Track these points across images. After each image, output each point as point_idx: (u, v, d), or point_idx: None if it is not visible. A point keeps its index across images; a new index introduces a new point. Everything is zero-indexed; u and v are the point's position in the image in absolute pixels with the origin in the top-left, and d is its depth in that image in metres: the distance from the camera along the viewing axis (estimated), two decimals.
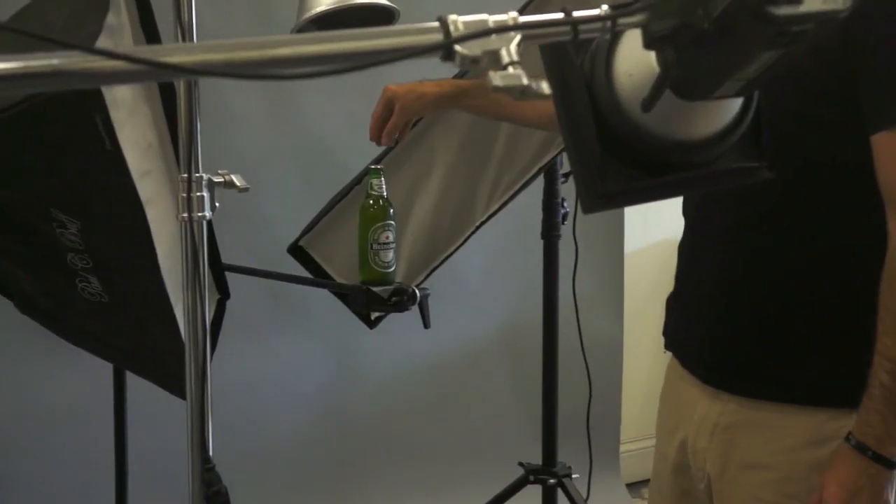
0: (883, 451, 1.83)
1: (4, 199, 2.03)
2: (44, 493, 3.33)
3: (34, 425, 3.30)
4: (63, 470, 3.33)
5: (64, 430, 3.31)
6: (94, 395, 3.00)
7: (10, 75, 0.98)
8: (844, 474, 1.85)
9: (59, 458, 3.32)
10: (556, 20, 1.05)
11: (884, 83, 1.79)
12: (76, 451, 3.28)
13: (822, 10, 0.96)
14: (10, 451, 3.28)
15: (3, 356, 3.20)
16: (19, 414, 3.28)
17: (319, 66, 1.05)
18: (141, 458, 2.93)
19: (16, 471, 3.30)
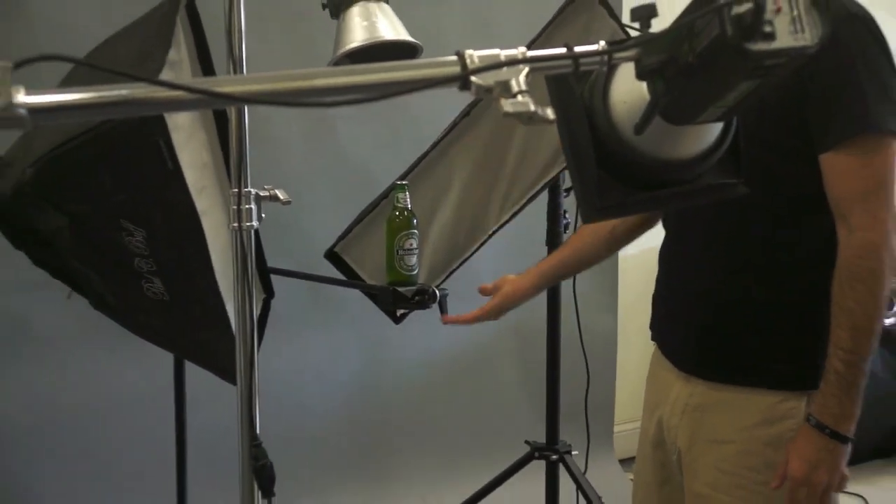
0: (839, 428, 1.85)
1: (82, 212, 2.04)
2: (113, 467, 3.34)
3: (106, 407, 3.31)
4: (129, 446, 3.34)
5: (131, 411, 3.32)
6: (157, 381, 3.01)
7: (86, 104, 0.99)
8: (806, 450, 1.86)
9: (127, 436, 3.33)
10: (559, 54, 1.05)
11: (828, 109, 1.81)
12: (142, 430, 3.29)
13: (793, 46, 0.96)
14: (84, 431, 3.29)
15: (79, 347, 3.21)
16: (93, 397, 3.29)
17: (353, 95, 1.05)
18: (197, 436, 2.93)
19: (89, 447, 3.31)
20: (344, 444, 3.82)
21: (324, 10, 1.94)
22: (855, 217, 1.82)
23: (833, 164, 1.83)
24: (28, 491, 3.22)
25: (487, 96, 1.03)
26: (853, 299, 1.82)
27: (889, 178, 1.84)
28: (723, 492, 1.96)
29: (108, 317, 2.27)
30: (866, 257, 1.81)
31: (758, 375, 1.95)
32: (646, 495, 2.17)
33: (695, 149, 1.13)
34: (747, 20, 0.95)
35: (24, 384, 3.16)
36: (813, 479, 1.85)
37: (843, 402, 1.84)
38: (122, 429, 3.32)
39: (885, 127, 1.81)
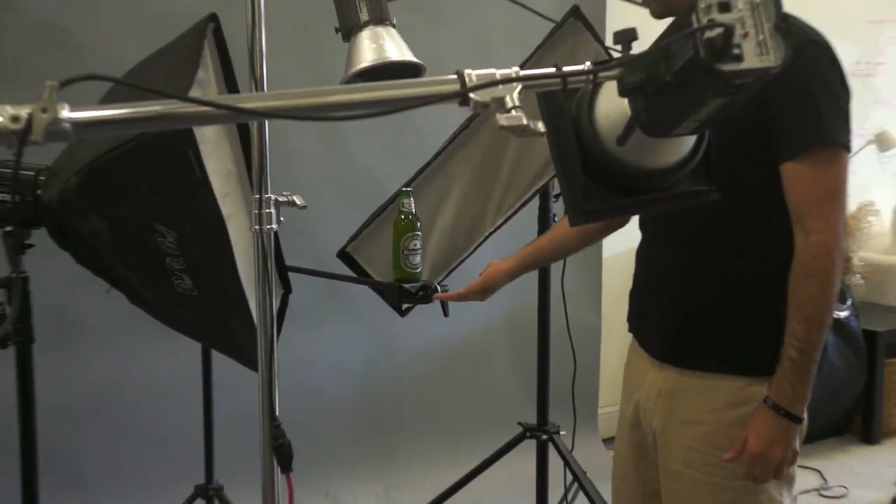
0: (793, 410, 1.87)
1: (120, 216, 2.04)
2: (148, 443, 3.35)
3: (142, 390, 3.32)
4: (163, 425, 3.34)
5: (164, 394, 3.33)
6: (187, 368, 3.01)
7: (123, 119, 0.99)
8: (763, 428, 1.87)
9: (161, 415, 3.34)
10: (549, 73, 1.05)
11: (789, 124, 1.82)
12: (174, 410, 3.30)
13: (758, 66, 0.96)
14: (123, 411, 3.30)
15: (118, 337, 3.22)
16: (131, 381, 3.30)
17: (363, 110, 1.06)
18: (223, 417, 2.94)
19: (128, 425, 3.32)
20: (354, 425, 3.82)
21: (337, 33, 1.94)
22: (810, 221, 1.83)
23: (792, 173, 1.84)
24: (77, 462, 3.24)
25: (484, 111, 1.03)
26: (807, 294, 1.83)
27: (841, 186, 1.85)
28: (694, 469, 1.97)
29: (144, 310, 2.27)
30: (820, 258, 1.82)
31: (724, 363, 1.95)
32: (624, 471, 2.17)
33: (671, 159, 1.14)
34: (718, 43, 0.95)
35: (71, 370, 3.17)
36: (769, 455, 1.87)
37: (795, 386, 1.86)
38: (156, 409, 3.33)
39: (839, 141, 1.83)
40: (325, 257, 2.81)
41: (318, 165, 3.61)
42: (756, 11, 0.98)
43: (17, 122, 0.94)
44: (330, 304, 3.64)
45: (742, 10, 0.97)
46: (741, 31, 0.96)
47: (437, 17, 3.59)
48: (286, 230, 2.01)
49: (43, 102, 0.94)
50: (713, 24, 0.96)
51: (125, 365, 3.28)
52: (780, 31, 0.97)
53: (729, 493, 1.93)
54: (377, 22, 1.88)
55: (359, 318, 3.71)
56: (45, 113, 0.94)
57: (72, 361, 3.18)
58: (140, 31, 2.95)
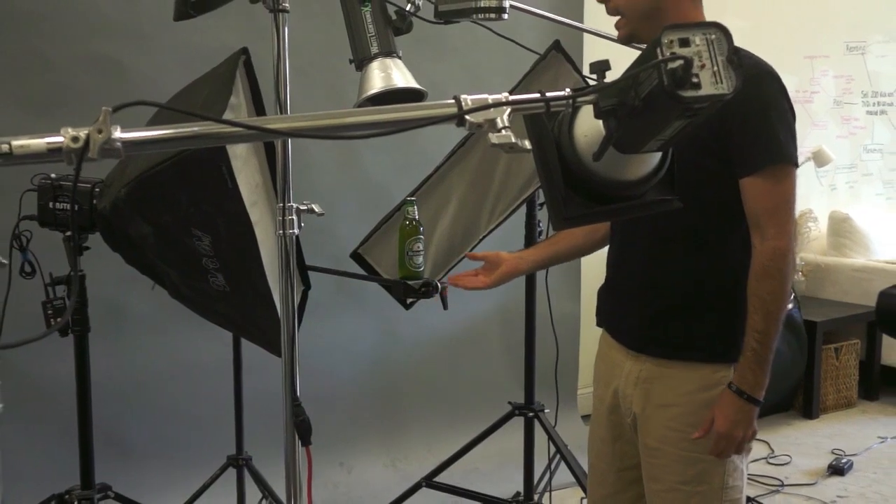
0: (754, 394, 1.87)
1: (163, 222, 2.04)
2: (186, 419, 3.35)
3: (181, 372, 3.32)
4: (199, 403, 3.34)
5: (200, 376, 3.32)
6: (220, 354, 3.02)
7: (166, 139, 0.99)
8: (728, 410, 1.87)
9: (197, 394, 3.34)
10: (534, 98, 1.05)
11: (747, 144, 1.82)
12: (208, 391, 3.29)
13: (714, 93, 0.97)
14: (165, 390, 3.30)
15: (161, 326, 3.22)
16: (172, 364, 3.30)
17: (374, 130, 1.06)
18: (251, 397, 2.95)
19: (169, 402, 3.31)
20: (365, 404, 3.82)
21: (350, 64, 1.94)
22: (767, 228, 1.83)
23: (750, 187, 1.84)
24: (126, 434, 3.24)
25: (478, 131, 1.04)
26: (766, 291, 1.83)
27: (792, 198, 1.86)
28: (670, 445, 1.96)
29: (183, 304, 2.27)
30: (776, 259, 1.83)
31: (695, 352, 1.94)
32: (600, 448, 2.15)
33: (640, 172, 1.14)
34: (679, 73, 0.96)
35: (121, 355, 3.17)
36: (732, 433, 1.87)
37: (756, 373, 1.86)
38: (193, 389, 3.33)
39: (790, 159, 1.84)
40: (339, 257, 2.81)
41: (335, 177, 3.60)
42: (711, 46, 0.98)
43: (76, 141, 0.94)
44: (344, 299, 3.63)
45: (699, 45, 0.98)
46: (699, 62, 0.97)
47: (438, 50, 3.60)
48: (306, 234, 2.01)
49: (99, 125, 0.94)
50: (675, 57, 0.96)
51: (167, 351, 3.28)
52: (732, 63, 0.98)
53: (700, 465, 1.92)
54: (385, 54, 1.88)
55: (369, 310, 3.71)
56: (101, 134, 0.94)
57: (122, 348, 3.18)
58: (182, 63, 2.96)
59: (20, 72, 3.01)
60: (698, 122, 1.00)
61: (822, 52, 5.40)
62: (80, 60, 3.07)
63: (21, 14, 2.99)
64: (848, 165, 5.65)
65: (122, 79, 3.11)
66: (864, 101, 5.67)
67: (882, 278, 4.69)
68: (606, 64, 1.08)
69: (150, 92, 2.85)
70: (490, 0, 1.76)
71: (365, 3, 1.90)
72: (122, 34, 3.13)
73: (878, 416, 4.75)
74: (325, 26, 2.44)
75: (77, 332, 2.29)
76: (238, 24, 2.64)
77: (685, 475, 1.95)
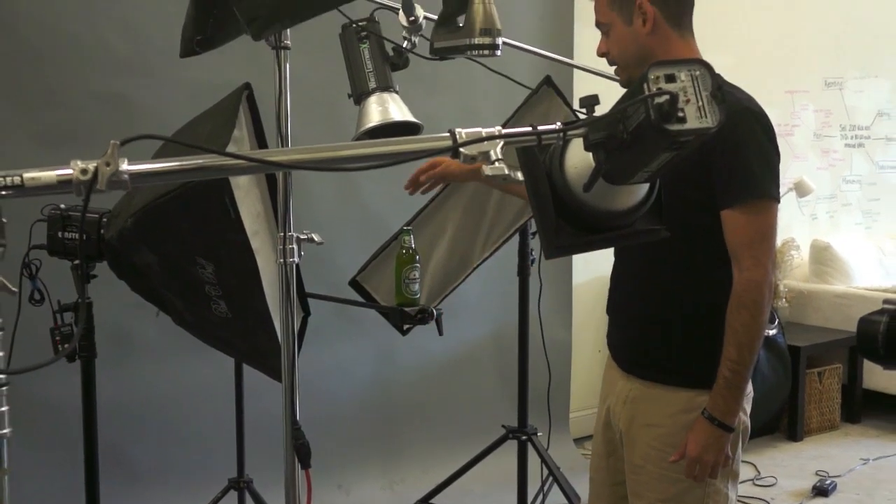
0: (725, 420, 1.86)
1: (167, 251, 2.04)
2: (190, 441, 3.33)
3: (185, 396, 3.30)
4: (202, 426, 3.32)
5: (203, 400, 3.30)
6: (222, 379, 3.00)
7: (172, 170, 0.99)
8: (700, 436, 1.87)
9: (201, 418, 3.32)
10: (526, 132, 1.06)
11: (728, 178, 1.83)
12: (211, 414, 3.28)
13: (698, 127, 0.97)
14: (170, 413, 3.28)
15: (165, 352, 3.21)
16: (176, 389, 3.28)
17: (371, 162, 1.06)
18: (252, 421, 2.93)
19: (173, 425, 3.30)
20: (363, 427, 3.80)
21: (349, 98, 1.95)
22: (744, 260, 1.83)
23: (729, 219, 1.84)
24: (130, 456, 3.21)
25: (473, 163, 1.04)
26: (740, 323, 1.83)
27: (771, 231, 1.86)
28: (652, 464, 1.95)
29: (186, 330, 2.26)
30: (751, 291, 1.82)
31: (678, 377, 1.94)
32: (598, 463, 2.16)
33: (629, 202, 1.14)
34: (665, 108, 0.96)
35: (126, 379, 3.15)
36: (704, 458, 1.86)
37: (728, 400, 1.85)
38: (196, 413, 3.31)
39: (769, 194, 1.84)
40: (338, 285, 2.80)
41: (334, 207, 3.61)
42: (696, 82, 0.99)
43: (86, 174, 0.95)
44: (343, 325, 3.62)
45: (684, 81, 0.99)
46: (684, 98, 0.98)
47: (433, 85, 3.61)
48: (306, 262, 2.01)
49: (107, 158, 0.95)
50: (661, 92, 0.97)
51: (171, 376, 3.26)
52: (716, 98, 0.99)
53: (680, 485, 1.91)
54: (383, 89, 1.89)
55: (367, 336, 3.69)
56: (109, 166, 0.94)
57: (127, 373, 3.16)
58: (187, 98, 2.96)
59: (33, 107, 3.02)
60: (684, 154, 1.01)
61: (802, 87, 5.44)
62: (89, 96, 3.09)
63: (34, 51, 3.00)
64: (828, 196, 5.68)
65: (130, 113, 3.12)
66: (842, 135, 5.71)
67: (862, 304, 4.69)
68: (595, 98, 1.09)
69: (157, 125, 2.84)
70: (483, 38, 1.77)
71: (363, 40, 1.91)
72: (130, 70, 3.14)
73: (861, 439, 4.73)
74: (324, 62, 2.45)
75: (84, 358, 2.27)
76: (241, 60, 2.66)
77: (666, 493, 1.94)
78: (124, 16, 3.13)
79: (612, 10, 1.92)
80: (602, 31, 1.97)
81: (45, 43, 3.02)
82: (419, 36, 1.91)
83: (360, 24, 1.92)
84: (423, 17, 1.89)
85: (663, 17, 1.89)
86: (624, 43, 1.92)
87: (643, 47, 1.90)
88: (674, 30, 1.91)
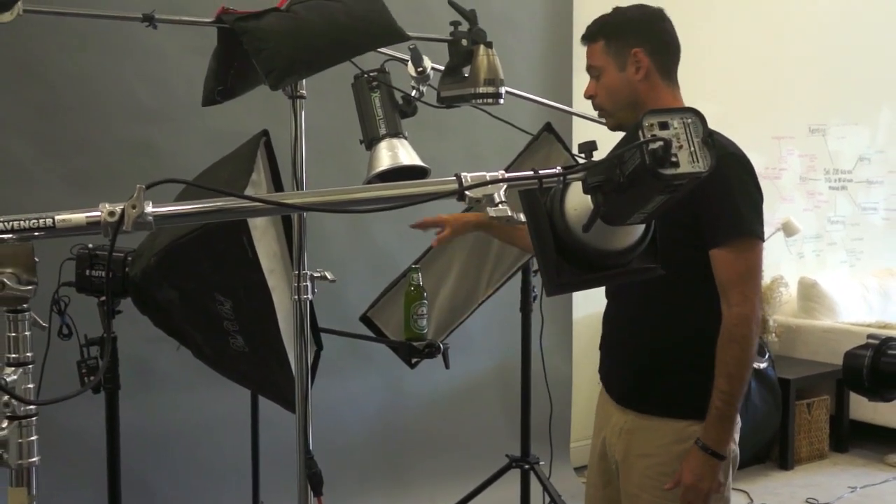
0: (718, 449, 1.85)
1: (188, 288, 2.04)
2: (207, 468, 3.30)
3: (203, 426, 3.28)
4: (219, 455, 3.30)
5: (220, 430, 3.29)
6: (239, 409, 2.97)
7: (194, 212, 1.00)
8: (694, 465, 1.86)
9: (217, 447, 3.30)
10: (528, 175, 1.06)
11: (716, 218, 1.84)
12: (228, 443, 3.25)
13: (691, 171, 0.98)
14: (188, 442, 3.26)
15: (185, 383, 3.19)
16: (195, 418, 3.27)
17: (382, 205, 1.06)
18: (267, 450, 2.90)
19: (192, 454, 3.27)
20: (373, 456, 3.77)
21: (361, 143, 1.96)
22: (732, 296, 1.83)
23: (718, 257, 1.84)
24: (151, 482, 3.19)
25: (477, 205, 1.04)
26: (729, 355, 1.82)
27: (757, 268, 1.87)
28: (647, 492, 1.94)
29: (205, 363, 2.25)
30: (740, 326, 1.82)
31: (671, 408, 1.93)
32: (594, 493, 2.13)
33: (626, 242, 1.14)
34: (660, 153, 0.96)
35: (148, 410, 3.14)
36: (698, 486, 1.85)
37: (720, 430, 1.85)
38: (213, 442, 3.29)
39: (754, 233, 1.85)
40: (350, 320, 2.80)
41: (346, 246, 3.61)
42: (688, 129, 0.99)
43: (113, 216, 0.95)
44: (354, 359, 3.61)
45: (677, 128, 0.99)
46: (677, 144, 0.98)
47: (440, 131, 3.63)
48: (319, 298, 2.01)
49: (133, 200, 0.95)
50: (655, 139, 0.97)
51: (190, 406, 3.25)
52: (707, 144, 0.99)
53: None
54: (393, 135, 1.90)
55: (376, 369, 3.68)
56: (135, 209, 0.95)
57: (149, 403, 3.15)
58: (208, 144, 2.98)
59: (64, 153, 3.05)
60: (678, 197, 1.01)
61: (788, 133, 5.47)
62: (116, 143, 3.11)
63: (66, 102, 3.04)
64: (814, 235, 5.67)
65: (155, 158, 3.14)
66: (826, 178, 5.72)
67: (848, 339, 4.66)
68: (594, 144, 1.09)
69: (179, 170, 2.87)
70: (487, 87, 1.78)
71: (374, 89, 1.93)
72: (155, 119, 3.17)
73: (849, 468, 4.68)
74: (338, 110, 2.47)
75: (108, 390, 2.27)
76: (259, 109, 2.68)
77: None
78: (150, 69, 3.17)
79: (606, 55, 1.94)
80: (592, 75, 1.99)
81: (75, 94, 3.05)
82: (427, 85, 1.93)
83: (371, 75, 1.93)
84: (431, 68, 1.90)
85: (655, 68, 1.91)
86: (615, 88, 1.94)
87: (633, 93, 1.92)
88: (663, 80, 1.93)
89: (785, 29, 5.32)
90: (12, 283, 0.98)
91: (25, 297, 1.00)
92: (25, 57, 2.96)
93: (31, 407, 1.02)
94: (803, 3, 5.41)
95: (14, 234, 0.96)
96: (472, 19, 1.81)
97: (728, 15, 5.03)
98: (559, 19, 4.20)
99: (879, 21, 5.76)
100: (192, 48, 2.99)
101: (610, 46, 1.93)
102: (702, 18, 4.79)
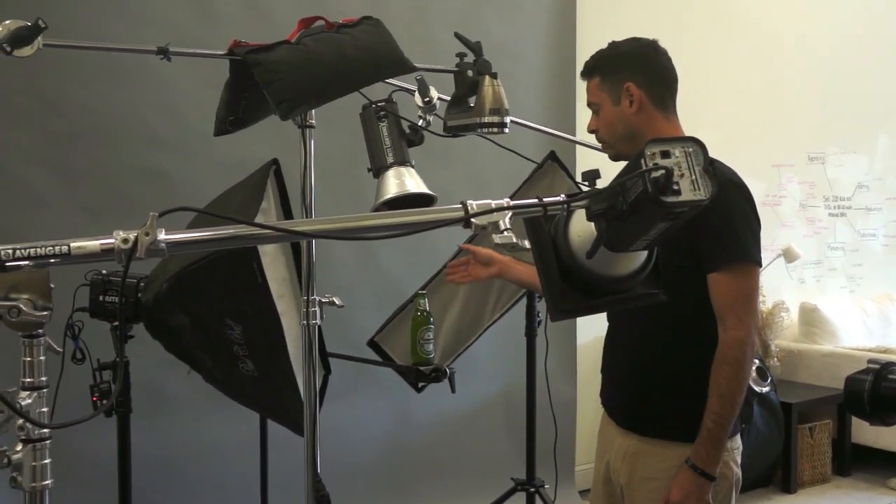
0: (707, 469, 1.84)
1: (199, 313, 2.04)
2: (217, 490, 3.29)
3: (213, 448, 3.27)
4: (229, 477, 3.28)
5: (230, 452, 3.27)
6: (247, 433, 2.97)
7: (205, 240, 1.00)
8: (683, 483, 1.85)
9: (227, 469, 3.28)
10: (533, 203, 1.06)
11: (714, 244, 1.84)
12: (237, 466, 3.24)
13: (692, 199, 0.98)
14: (199, 464, 3.25)
15: (196, 406, 3.19)
16: (205, 441, 3.26)
17: (390, 232, 1.07)
18: (276, 472, 2.89)
19: (202, 476, 3.26)
20: (380, 478, 3.74)
21: (369, 172, 1.97)
22: (729, 319, 1.83)
23: (715, 282, 1.85)
24: None
25: (483, 232, 1.05)
26: (723, 377, 1.82)
27: (753, 293, 1.87)
28: None
29: (215, 387, 2.25)
30: (734, 349, 1.82)
31: (673, 432, 1.92)
32: None
33: (629, 268, 1.14)
34: (662, 181, 0.97)
35: (160, 431, 3.13)
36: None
37: (710, 450, 1.84)
38: (223, 465, 3.27)
39: (752, 258, 1.85)
40: (358, 345, 2.80)
41: (354, 272, 3.61)
42: (689, 158, 1.00)
43: (126, 243, 0.95)
44: (361, 383, 3.60)
45: (678, 156, 0.99)
46: (678, 172, 0.98)
47: (446, 159, 3.65)
48: (327, 323, 2.01)
49: (146, 228, 0.95)
50: (657, 167, 0.97)
51: (200, 430, 3.24)
52: (708, 173, 0.99)
53: None
54: (400, 163, 1.91)
55: (384, 393, 3.66)
56: (148, 236, 0.95)
57: (160, 427, 3.14)
58: (220, 172, 3.00)
59: (79, 181, 3.07)
60: (679, 224, 1.01)
61: (788, 161, 5.48)
62: (131, 171, 3.14)
63: (81, 131, 3.06)
64: (815, 261, 5.66)
65: (167, 186, 3.16)
66: (825, 205, 5.72)
67: (848, 363, 4.63)
68: (597, 172, 1.09)
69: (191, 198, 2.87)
70: (493, 116, 1.79)
71: (382, 119, 1.94)
72: (168, 148, 3.20)
73: (851, 491, 4.63)
74: (346, 139, 2.48)
75: (120, 413, 2.26)
76: (270, 138, 2.69)
77: None
78: (163, 100, 3.20)
79: (602, 91, 1.96)
80: (592, 110, 2.01)
81: (90, 124, 3.08)
82: (433, 115, 1.94)
83: (379, 105, 1.94)
84: (437, 98, 1.91)
85: (648, 99, 1.93)
86: (612, 121, 1.96)
87: (630, 126, 1.93)
88: (658, 110, 1.94)
89: (783, 60, 5.35)
90: (28, 309, 0.99)
91: (41, 323, 1.00)
92: (44, 88, 2.99)
93: (44, 430, 1.02)
94: (801, 34, 5.44)
95: (31, 261, 0.97)
96: (478, 51, 1.82)
97: (727, 46, 5.06)
98: (563, 50, 4.23)
99: (876, 53, 5.78)
100: (204, 80, 3.02)
101: (605, 82, 1.95)
102: (702, 50, 4.82)
